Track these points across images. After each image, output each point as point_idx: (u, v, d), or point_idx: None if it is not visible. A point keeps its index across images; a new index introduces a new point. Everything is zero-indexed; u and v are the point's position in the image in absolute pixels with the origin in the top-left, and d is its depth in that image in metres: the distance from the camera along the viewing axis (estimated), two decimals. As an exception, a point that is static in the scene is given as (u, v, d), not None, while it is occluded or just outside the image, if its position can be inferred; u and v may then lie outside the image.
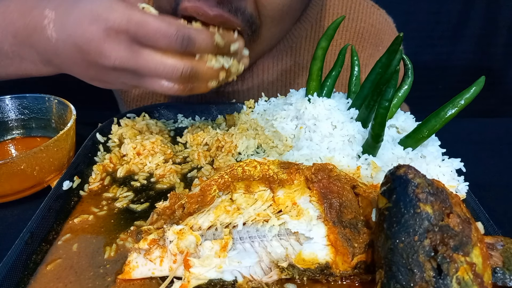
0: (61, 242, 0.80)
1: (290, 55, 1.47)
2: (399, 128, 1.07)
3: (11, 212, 0.96)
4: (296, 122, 1.10)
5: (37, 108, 1.15)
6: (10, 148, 1.13)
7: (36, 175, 0.95)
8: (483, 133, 1.30)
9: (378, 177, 0.90)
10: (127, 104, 1.58)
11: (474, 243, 0.60)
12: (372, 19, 1.52)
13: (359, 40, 1.52)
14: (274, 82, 1.50)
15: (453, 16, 2.38)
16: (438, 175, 0.93)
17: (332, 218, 0.72)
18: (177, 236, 0.70)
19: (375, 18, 1.53)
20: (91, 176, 0.98)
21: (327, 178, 0.78)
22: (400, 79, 1.05)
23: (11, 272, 0.70)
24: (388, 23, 1.60)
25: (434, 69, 2.40)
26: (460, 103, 0.90)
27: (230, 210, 0.73)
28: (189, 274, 0.68)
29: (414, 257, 0.58)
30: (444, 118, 0.92)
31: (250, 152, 1.08)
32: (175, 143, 1.15)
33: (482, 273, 0.59)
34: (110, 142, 1.11)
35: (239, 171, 0.83)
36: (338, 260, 0.69)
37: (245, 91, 1.50)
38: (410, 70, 1.06)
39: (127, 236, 0.80)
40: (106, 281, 0.71)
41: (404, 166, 0.65)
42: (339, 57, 1.13)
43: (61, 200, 0.88)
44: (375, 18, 1.53)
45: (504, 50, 2.43)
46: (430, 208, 0.61)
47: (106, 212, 0.88)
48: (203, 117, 1.29)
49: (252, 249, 0.70)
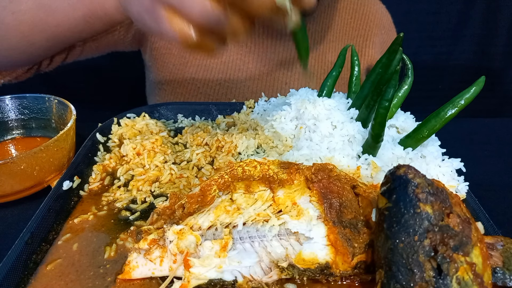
0: (61, 242, 0.80)
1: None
2: (399, 128, 1.07)
3: (11, 212, 0.96)
4: (296, 122, 1.10)
5: (37, 108, 1.15)
6: (10, 148, 1.13)
7: (36, 175, 0.95)
8: (483, 133, 1.30)
9: (378, 177, 0.90)
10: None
11: (474, 243, 0.60)
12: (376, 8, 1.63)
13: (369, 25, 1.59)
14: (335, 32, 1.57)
15: (453, 16, 2.38)
16: (438, 175, 0.94)
17: (332, 218, 0.72)
18: (177, 236, 0.70)
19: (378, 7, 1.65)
20: (91, 176, 0.98)
21: (327, 178, 0.78)
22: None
23: (11, 272, 0.70)
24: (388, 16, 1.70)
25: (434, 69, 2.40)
26: (460, 103, 0.90)
27: (230, 210, 0.73)
28: (189, 274, 0.68)
29: (414, 257, 0.58)
30: (444, 118, 0.92)
31: (250, 152, 1.08)
32: (175, 143, 1.15)
33: (482, 273, 0.59)
34: (110, 142, 1.11)
35: (239, 171, 0.83)
36: (338, 260, 0.69)
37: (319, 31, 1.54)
38: (410, 70, 1.06)
39: (127, 236, 0.80)
40: (106, 281, 0.71)
41: (404, 166, 0.65)
42: (339, 57, 1.13)
43: (61, 200, 0.88)
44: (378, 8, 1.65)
45: (504, 50, 2.43)
46: (430, 208, 0.61)
47: (106, 212, 0.88)
48: (203, 117, 1.29)
49: (252, 249, 0.70)
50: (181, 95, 1.54)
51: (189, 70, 1.51)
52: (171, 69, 1.53)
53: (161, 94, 1.58)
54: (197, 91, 1.53)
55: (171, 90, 1.55)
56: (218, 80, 1.51)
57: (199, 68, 1.51)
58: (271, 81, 1.53)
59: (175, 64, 1.52)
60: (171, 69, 1.53)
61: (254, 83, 1.52)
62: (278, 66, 1.53)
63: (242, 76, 1.51)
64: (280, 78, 1.53)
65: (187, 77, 1.52)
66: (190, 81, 1.52)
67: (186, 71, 1.52)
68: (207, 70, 1.51)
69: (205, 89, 1.52)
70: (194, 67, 1.51)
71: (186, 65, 1.51)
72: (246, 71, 1.51)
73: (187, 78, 1.52)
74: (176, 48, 1.51)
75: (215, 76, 1.51)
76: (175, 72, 1.53)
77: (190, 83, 1.52)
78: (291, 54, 1.52)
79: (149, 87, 1.71)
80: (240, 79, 1.51)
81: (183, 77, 1.53)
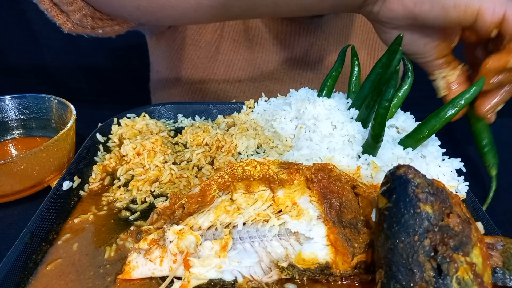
0: (61, 242, 0.80)
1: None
2: (399, 128, 1.07)
3: (11, 212, 0.96)
4: (296, 122, 1.10)
5: (37, 108, 1.15)
6: (10, 148, 1.13)
7: (36, 175, 0.95)
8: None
9: (378, 177, 0.90)
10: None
11: (474, 243, 0.60)
12: None
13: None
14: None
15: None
16: (438, 175, 0.93)
17: (332, 218, 0.72)
18: (177, 236, 0.70)
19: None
20: (91, 176, 0.98)
21: (327, 178, 0.78)
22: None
23: (11, 272, 0.70)
24: None
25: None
26: (460, 103, 0.90)
27: (230, 210, 0.73)
28: (189, 274, 0.68)
29: (414, 257, 0.58)
30: (444, 118, 0.92)
31: (250, 152, 1.08)
32: (175, 143, 1.15)
33: (482, 273, 0.59)
34: (110, 142, 1.11)
35: (239, 171, 0.83)
36: (338, 260, 0.69)
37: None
38: (410, 70, 1.06)
39: (127, 236, 0.80)
40: (106, 281, 0.71)
41: (404, 166, 0.65)
42: (339, 57, 1.13)
43: (61, 200, 0.88)
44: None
45: (504, 50, 2.43)
46: (430, 208, 0.61)
47: (106, 212, 0.88)
48: (203, 117, 1.29)
49: (252, 249, 0.71)
50: (200, 91, 1.51)
51: (211, 65, 1.48)
52: (195, 62, 1.49)
53: (178, 88, 1.54)
54: (217, 87, 1.50)
55: (190, 86, 1.51)
56: (238, 77, 1.49)
57: (222, 64, 1.48)
58: (288, 80, 1.52)
59: (200, 57, 1.48)
60: (195, 62, 1.49)
61: (272, 82, 1.51)
62: (296, 64, 1.51)
63: (262, 75, 1.50)
64: (296, 77, 1.52)
65: (209, 72, 1.49)
66: (212, 76, 1.49)
67: (209, 66, 1.48)
68: (229, 66, 1.48)
69: (225, 86, 1.50)
70: (217, 62, 1.47)
71: (210, 59, 1.48)
72: (266, 69, 1.50)
73: (209, 73, 1.49)
74: (205, 40, 1.46)
75: (236, 74, 1.49)
76: (199, 66, 1.49)
77: (211, 79, 1.49)
78: (308, 52, 1.51)
79: (158, 82, 1.66)
80: (259, 78, 1.50)
81: (204, 72, 1.49)
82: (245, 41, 1.48)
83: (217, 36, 1.46)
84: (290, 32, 1.47)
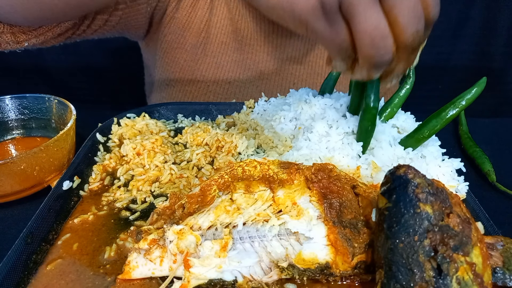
0: (61, 242, 0.80)
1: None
2: (399, 128, 1.07)
3: (11, 212, 0.96)
4: (295, 123, 1.10)
5: (37, 108, 1.15)
6: (10, 148, 1.13)
7: (36, 175, 0.95)
8: (482, 133, 1.30)
9: (378, 177, 0.90)
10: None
11: (474, 243, 0.60)
12: None
13: None
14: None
15: (453, 16, 2.38)
16: (438, 175, 0.93)
17: (332, 218, 0.72)
18: (177, 236, 0.70)
19: None
20: (91, 176, 0.98)
21: (327, 178, 0.78)
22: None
23: (11, 272, 0.70)
24: None
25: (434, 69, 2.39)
26: (461, 104, 0.91)
27: (230, 210, 0.73)
28: (189, 274, 0.68)
29: (414, 257, 0.58)
30: (445, 119, 0.92)
31: (250, 152, 1.08)
32: (175, 143, 1.15)
33: (482, 273, 0.59)
34: (110, 142, 1.11)
35: (239, 171, 0.83)
36: (338, 260, 0.69)
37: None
38: (412, 70, 1.05)
39: (127, 236, 0.80)
40: (106, 281, 0.71)
41: (404, 166, 0.65)
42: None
43: (61, 200, 0.88)
44: None
45: (504, 50, 2.43)
46: (430, 208, 0.61)
47: (106, 212, 0.88)
48: (203, 117, 1.29)
49: (252, 249, 0.70)
50: (190, 93, 1.51)
51: (199, 67, 1.48)
52: (182, 65, 1.49)
53: (168, 91, 1.55)
54: (207, 89, 1.50)
55: (180, 88, 1.52)
56: (228, 79, 1.49)
57: (210, 66, 1.48)
58: (280, 80, 1.52)
59: (186, 60, 1.48)
60: (182, 65, 1.49)
61: (263, 82, 1.51)
62: (287, 64, 1.51)
63: (252, 75, 1.50)
64: (288, 77, 1.52)
65: (197, 74, 1.50)
66: (200, 78, 1.49)
67: (197, 68, 1.49)
68: (218, 68, 1.48)
69: (214, 87, 1.50)
70: (205, 64, 1.48)
71: (197, 62, 1.48)
72: (256, 70, 1.50)
73: (197, 75, 1.50)
74: (190, 43, 1.47)
75: (225, 75, 1.49)
76: (186, 69, 1.49)
77: (200, 81, 1.49)
78: (300, 52, 1.50)
79: (151, 84, 1.68)
80: (250, 79, 1.50)
81: (193, 74, 1.50)
82: (234, 42, 1.47)
83: (202, 38, 1.46)
84: (281, 32, 1.47)
